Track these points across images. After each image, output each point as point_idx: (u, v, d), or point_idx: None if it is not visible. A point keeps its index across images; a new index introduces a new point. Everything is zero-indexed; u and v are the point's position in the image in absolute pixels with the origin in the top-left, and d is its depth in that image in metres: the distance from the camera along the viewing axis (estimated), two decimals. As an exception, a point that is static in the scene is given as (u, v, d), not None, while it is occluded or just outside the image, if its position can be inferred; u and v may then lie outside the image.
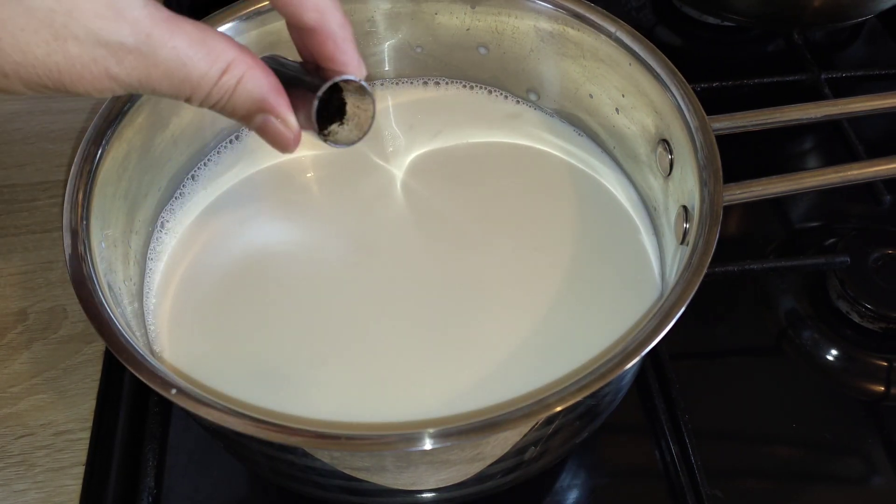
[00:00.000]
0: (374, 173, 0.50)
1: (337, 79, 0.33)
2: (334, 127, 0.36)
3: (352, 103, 0.36)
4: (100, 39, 0.26)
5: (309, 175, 0.51)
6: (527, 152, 0.52)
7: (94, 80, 0.27)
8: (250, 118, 0.32)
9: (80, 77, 0.27)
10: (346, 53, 0.34)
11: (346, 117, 0.36)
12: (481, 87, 0.55)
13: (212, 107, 0.31)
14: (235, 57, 0.30)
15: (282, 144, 0.33)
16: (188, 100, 0.30)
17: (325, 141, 0.35)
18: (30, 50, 0.26)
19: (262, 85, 0.31)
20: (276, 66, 0.34)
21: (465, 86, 0.55)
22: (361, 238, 0.47)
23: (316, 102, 0.32)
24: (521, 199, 0.49)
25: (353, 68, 0.34)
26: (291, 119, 0.32)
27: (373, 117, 0.36)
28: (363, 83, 0.34)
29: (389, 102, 0.54)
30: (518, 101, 0.54)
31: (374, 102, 0.35)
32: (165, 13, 0.28)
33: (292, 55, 0.36)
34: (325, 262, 0.46)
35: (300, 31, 0.34)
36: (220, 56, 0.29)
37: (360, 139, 0.36)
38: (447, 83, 0.55)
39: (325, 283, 0.45)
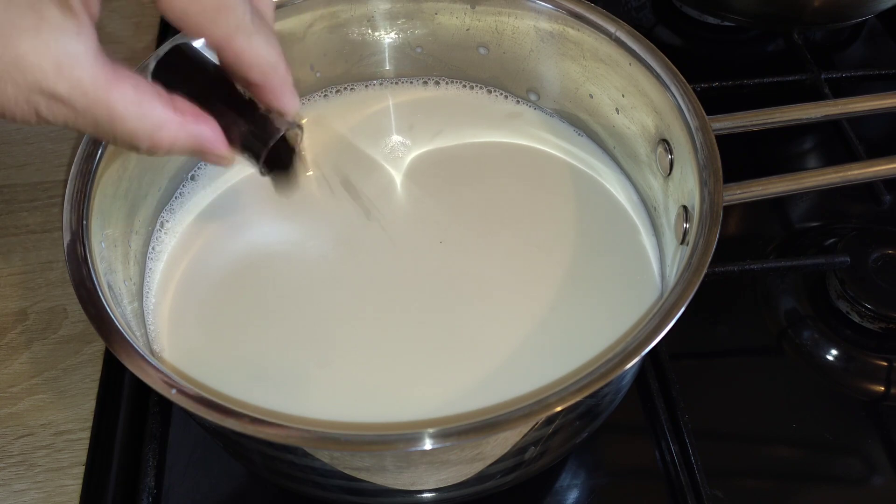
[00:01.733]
0: (374, 173, 0.50)
1: (280, 134, 0.35)
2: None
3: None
4: (35, 89, 0.28)
5: (308, 175, 0.51)
6: (527, 152, 0.52)
7: (24, 115, 0.29)
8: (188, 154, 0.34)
9: (11, 111, 0.29)
10: (284, 102, 0.35)
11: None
12: (481, 87, 0.55)
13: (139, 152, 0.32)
14: (168, 120, 0.31)
15: (218, 166, 0.37)
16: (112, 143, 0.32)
17: (265, 175, 0.37)
18: None
19: (197, 139, 0.32)
20: (203, 81, 0.34)
21: (465, 86, 0.55)
22: (361, 238, 0.47)
23: (262, 163, 0.35)
24: (521, 199, 0.49)
25: (290, 114, 0.35)
26: (228, 155, 0.34)
27: (301, 142, 0.37)
28: (298, 124, 0.36)
29: (389, 102, 0.54)
30: (518, 101, 0.54)
31: (302, 132, 0.37)
32: (111, 73, 0.29)
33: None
34: (325, 262, 0.46)
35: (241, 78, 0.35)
36: (151, 120, 0.30)
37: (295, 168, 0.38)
38: (447, 83, 0.55)
39: (325, 283, 0.45)
